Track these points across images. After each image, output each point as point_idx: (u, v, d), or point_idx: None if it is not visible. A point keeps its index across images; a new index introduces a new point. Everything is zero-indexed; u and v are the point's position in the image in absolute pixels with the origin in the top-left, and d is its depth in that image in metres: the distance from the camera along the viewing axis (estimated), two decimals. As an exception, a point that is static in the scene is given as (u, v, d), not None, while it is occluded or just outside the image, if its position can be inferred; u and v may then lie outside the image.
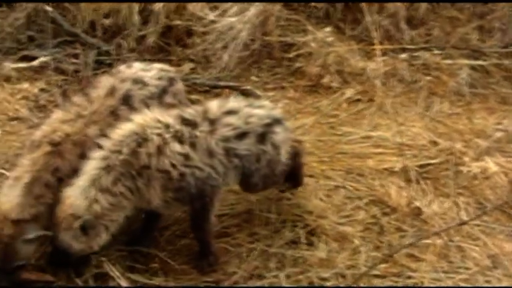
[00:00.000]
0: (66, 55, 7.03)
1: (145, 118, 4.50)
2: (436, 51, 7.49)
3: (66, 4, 7.40)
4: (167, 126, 4.46)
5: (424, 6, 7.91)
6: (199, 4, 7.36)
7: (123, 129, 4.41)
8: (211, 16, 7.25)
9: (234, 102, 4.78)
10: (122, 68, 5.23)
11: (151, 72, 5.18)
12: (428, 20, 7.89)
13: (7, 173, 5.54)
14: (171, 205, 4.54)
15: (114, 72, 5.17)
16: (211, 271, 4.72)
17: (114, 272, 4.58)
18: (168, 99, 5.13)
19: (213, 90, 6.79)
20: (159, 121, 4.48)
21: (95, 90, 4.91)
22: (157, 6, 7.20)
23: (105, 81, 5.00)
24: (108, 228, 4.34)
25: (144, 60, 6.86)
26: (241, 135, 4.62)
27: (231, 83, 6.78)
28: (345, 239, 5.01)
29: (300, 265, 4.77)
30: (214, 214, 4.74)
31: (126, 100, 4.92)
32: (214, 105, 4.67)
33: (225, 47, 7.10)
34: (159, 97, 5.07)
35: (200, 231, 4.72)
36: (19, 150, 5.82)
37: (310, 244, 4.95)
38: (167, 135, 4.43)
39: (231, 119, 4.61)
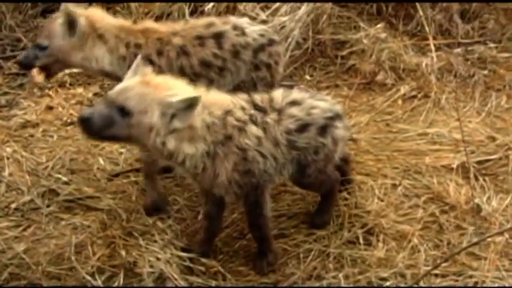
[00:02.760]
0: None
1: (224, 96, 4.52)
2: (491, 45, 7.41)
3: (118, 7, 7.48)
4: (243, 108, 4.48)
5: (478, -2, 7.81)
6: (250, 4, 7.36)
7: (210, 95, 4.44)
8: (263, 16, 7.24)
9: (298, 93, 4.77)
10: (232, 17, 5.62)
11: (255, 27, 5.46)
12: (483, 13, 7.78)
13: (64, 178, 5.66)
14: (230, 190, 4.50)
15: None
16: (270, 271, 4.71)
17: (172, 273, 4.61)
18: (263, 57, 5.37)
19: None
20: (234, 102, 4.49)
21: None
22: (209, 7, 7.21)
23: (208, 18, 5.37)
24: None
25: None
26: (303, 127, 4.60)
27: (284, 82, 6.74)
28: (403, 238, 4.95)
29: (359, 265, 4.74)
30: (269, 209, 4.72)
31: (218, 37, 5.25)
32: (279, 95, 4.66)
33: (278, 46, 7.08)
34: (255, 51, 5.33)
35: (258, 228, 4.71)
36: (75, 155, 5.93)
37: (369, 244, 4.91)
38: (245, 116, 4.45)
39: (295, 110, 4.60)
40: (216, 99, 4.42)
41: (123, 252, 4.82)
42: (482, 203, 5.26)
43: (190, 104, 4.13)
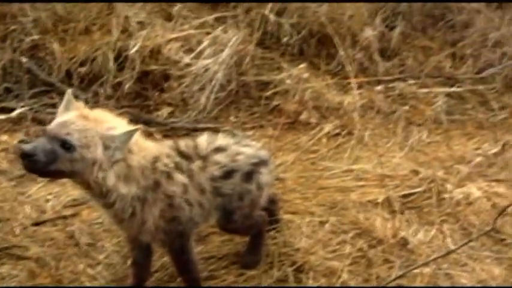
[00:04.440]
0: (44, 105, 7.00)
1: (149, 143, 4.48)
2: (411, 81, 7.57)
3: (42, 54, 7.40)
4: (168, 155, 4.46)
5: (396, 37, 8.00)
6: (174, 48, 7.38)
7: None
8: (187, 59, 7.27)
9: (223, 139, 4.77)
10: None
11: None
12: (401, 51, 7.98)
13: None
14: (157, 236, 4.47)
15: None
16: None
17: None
18: None
19: (192, 133, 6.79)
20: (160, 149, 4.47)
21: None
22: (133, 52, 7.21)
23: None
24: None
25: (121, 107, 6.92)
26: (228, 174, 4.61)
27: (210, 125, 6.78)
28: (333, 274, 4.97)
29: (290, 303, 4.75)
30: (195, 254, 4.71)
31: None
32: (204, 141, 4.66)
33: (202, 89, 7.11)
34: None
35: (186, 272, 4.68)
36: (0, 203, 5.82)
37: (299, 281, 4.91)
38: (171, 164, 4.43)
39: (219, 157, 4.60)
40: (145, 144, 4.41)
41: (52, 301, 4.74)
42: (408, 236, 5.34)
43: (131, 137, 4.13)
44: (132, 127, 4.19)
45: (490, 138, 6.79)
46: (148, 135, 6.55)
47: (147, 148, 4.36)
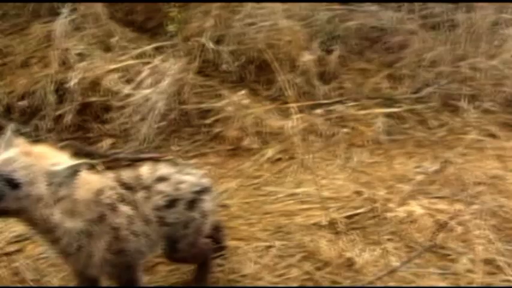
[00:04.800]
0: (-16, 139, 6.91)
1: (91, 177, 4.39)
2: (350, 103, 7.65)
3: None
4: (112, 187, 4.42)
5: (334, 61, 8.10)
6: (114, 79, 7.35)
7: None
8: (127, 90, 7.25)
9: (165, 168, 4.76)
10: None
11: None
12: (340, 74, 8.08)
13: None
14: (104, 270, 4.41)
15: None
16: None
17: None
18: None
19: (135, 164, 6.74)
20: (103, 181, 4.42)
21: None
22: (73, 84, 7.16)
23: None
24: None
25: (63, 139, 6.86)
26: (172, 203, 4.59)
27: (152, 154, 6.70)
28: (281, 298, 5.00)
29: (240, 330, 4.75)
30: (143, 284, 4.66)
31: None
32: (146, 171, 4.63)
33: (143, 119, 7.10)
34: None
35: None
36: None
37: (248, 307, 4.93)
38: (115, 196, 4.38)
39: (162, 186, 4.58)
40: (89, 177, 4.37)
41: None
42: (354, 256, 5.38)
43: (74, 172, 4.07)
44: (75, 161, 4.16)
45: (430, 156, 6.90)
46: (91, 167, 6.53)
47: (90, 181, 4.31)
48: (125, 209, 4.39)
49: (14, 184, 3.95)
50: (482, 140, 7.22)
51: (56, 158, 4.14)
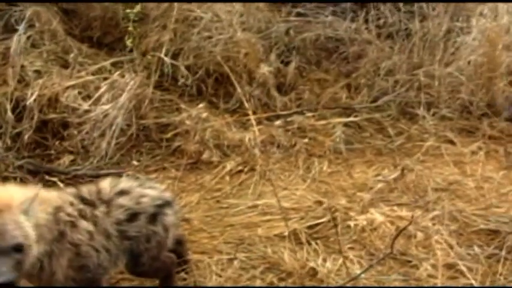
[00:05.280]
0: None
1: (50, 194, 4.41)
2: (309, 114, 7.69)
3: None
4: (71, 203, 4.38)
5: (291, 72, 8.14)
6: (72, 95, 7.28)
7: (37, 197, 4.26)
8: (85, 106, 7.19)
9: (126, 182, 4.77)
10: None
11: None
12: (298, 85, 8.13)
13: None
14: (63, 285, 4.36)
15: None
16: None
17: None
18: None
19: (95, 180, 6.70)
20: (62, 198, 4.40)
21: None
22: (30, 101, 7.09)
23: None
24: None
25: (22, 157, 6.79)
26: (133, 217, 4.59)
27: (112, 170, 6.71)
28: (245, 310, 5.01)
29: None
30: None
31: None
32: (106, 185, 4.63)
33: (102, 135, 7.05)
34: None
35: None
36: None
37: (212, 321, 4.93)
38: (75, 212, 4.36)
39: (123, 200, 4.58)
40: (46, 196, 4.33)
41: None
42: (317, 266, 5.41)
43: (32, 200, 4.05)
44: (29, 192, 4.13)
45: (390, 164, 6.96)
46: (51, 184, 6.49)
47: (47, 200, 4.29)
48: (84, 224, 4.37)
49: (18, 248, 3.98)
50: (440, 146, 7.30)
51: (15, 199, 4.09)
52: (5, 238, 3.94)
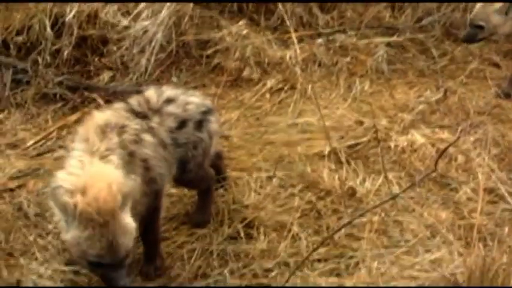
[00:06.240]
0: (-18, 76, 6.85)
1: (105, 114, 4.40)
2: (351, 33, 7.56)
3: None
4: (128, 118, 4.40)
5: (334, -11, 7.99)
6: (111, 11, 7.24)
7: (93, 123, 4.28)
8: (125, 22, 7.14)
9: (170, 90, 4.79)
10: None
11: None
12: (340, 3, 7.95)
13: None
14: (139, 202, 4.33)
15: None
16: (157, 276, 4.66)
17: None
18: None
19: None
20: (118, 115, 4.40)
21: None
22: (70, 17, 7.06)
23: None
24: None
25: (61, 74, 6.81)
26: (182, 124, 4.62)
27: (153, 86, 6.69)
28: (283, 227, 5.01)
29: (242, 259, 4.77)
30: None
31: None
32: (153, 94, 4.65)
33: (142, 52, 7.03)
34: None
35: (152, 232, 4.65)
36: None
37: (250, 237, 4.95)
38: (136, 126, 4.38)
39: (172, 108, 4.61)
40: (103, 117, 4.33)
41: (5, 274, 4.66)
42: (356, 186, 5.40)
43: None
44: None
45: (432, 86, 6.85)
46: (91, 101, 6.51)
47: (107, 122, 4.30)
48: (148, 138, 4.39)
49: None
50: (485, 69, 7.17)
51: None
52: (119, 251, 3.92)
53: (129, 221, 3.95)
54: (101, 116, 4.36)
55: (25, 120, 6.44)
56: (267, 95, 6.72)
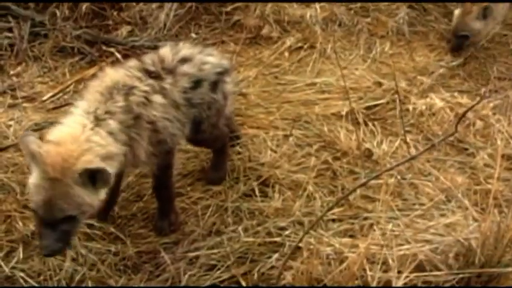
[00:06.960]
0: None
1: (117, 73, 4.36)
2: (373, -7, 7.49)
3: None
4: (140, 79, 4.36)
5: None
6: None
7: (103, 82, 4.26)
8: (145, -22, 7.10)
9: (186, 48, 4.71)
10: None
11: None
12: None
13: None
14: (149, 163, 4.42)
15: None
16: (171, 231, 4.68)
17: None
18: None
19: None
20: (130, 75, 4.36)
21: None
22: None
23: None
24: None
25: (80, 27, 6.78)
26: (197, 84, 4.57)
27: (170, 42, 6.65)
28: (298, 186, 5.01)
29: (257, 217, 4.77)
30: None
31: None
32: (168, 53, 4.58)
33: (160, 7, 7.01)
34: None
35: (165, 188, 4.67)
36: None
37: (265, 195, 4.95)
38: (146, 88, 4.33)
39: (187, 68, 4.55)
40: (115, 76, 4.31)
41: (20, 226, 4.69)
42: (372, 147, 5.38)
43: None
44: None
45: (453, 49, 6.78)
46: (109, 55, 6.49)
47: (117, 80, 4.28)
48: (157, 99, 4.34)
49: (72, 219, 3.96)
50: (506, 34, 7.09)
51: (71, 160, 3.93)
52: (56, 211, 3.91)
53: (79, 193, 3.89)
54: (112, 75, 4.33)
55: (42, 73, 6.43)
56: (286, 54, 6.67)
